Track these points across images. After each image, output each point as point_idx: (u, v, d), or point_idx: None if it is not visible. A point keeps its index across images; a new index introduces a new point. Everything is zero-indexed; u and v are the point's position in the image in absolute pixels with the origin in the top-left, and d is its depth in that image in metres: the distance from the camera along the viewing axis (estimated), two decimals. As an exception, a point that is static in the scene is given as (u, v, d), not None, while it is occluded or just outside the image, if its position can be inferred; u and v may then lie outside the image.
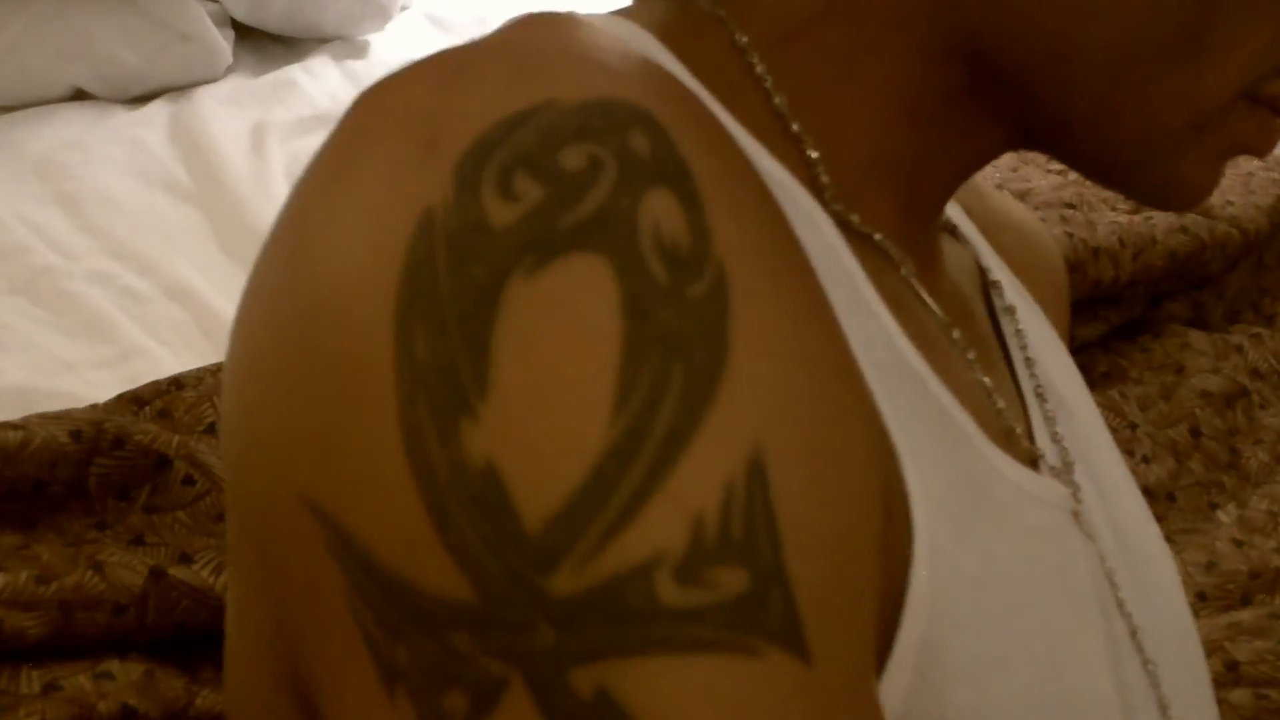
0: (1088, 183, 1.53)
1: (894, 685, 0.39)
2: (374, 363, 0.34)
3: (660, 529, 0.32)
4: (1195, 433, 1.30)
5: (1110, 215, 1.43)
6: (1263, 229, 1.49)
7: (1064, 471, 0.51)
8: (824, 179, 0.46)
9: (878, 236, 0.47)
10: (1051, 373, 0.56)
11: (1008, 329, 0.56)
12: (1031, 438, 0.52)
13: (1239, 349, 1.38)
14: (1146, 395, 1.34)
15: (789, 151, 0.45)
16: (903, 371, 0.44)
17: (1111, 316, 1.39)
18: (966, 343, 0.51)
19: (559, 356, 0.33)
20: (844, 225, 0.46)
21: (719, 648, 0.32)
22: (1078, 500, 0.50)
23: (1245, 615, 1.10)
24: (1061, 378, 0.57)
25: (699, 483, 0.33)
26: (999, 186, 1.40)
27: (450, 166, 0.35)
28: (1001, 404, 0.51)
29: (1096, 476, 0.54)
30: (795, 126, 0.45)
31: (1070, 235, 1.36)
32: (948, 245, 0.56)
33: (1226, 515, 1.21)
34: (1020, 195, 1.48)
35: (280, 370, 0.37)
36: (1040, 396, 0.54)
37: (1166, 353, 1.36)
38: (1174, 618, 0.55)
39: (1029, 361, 0.55)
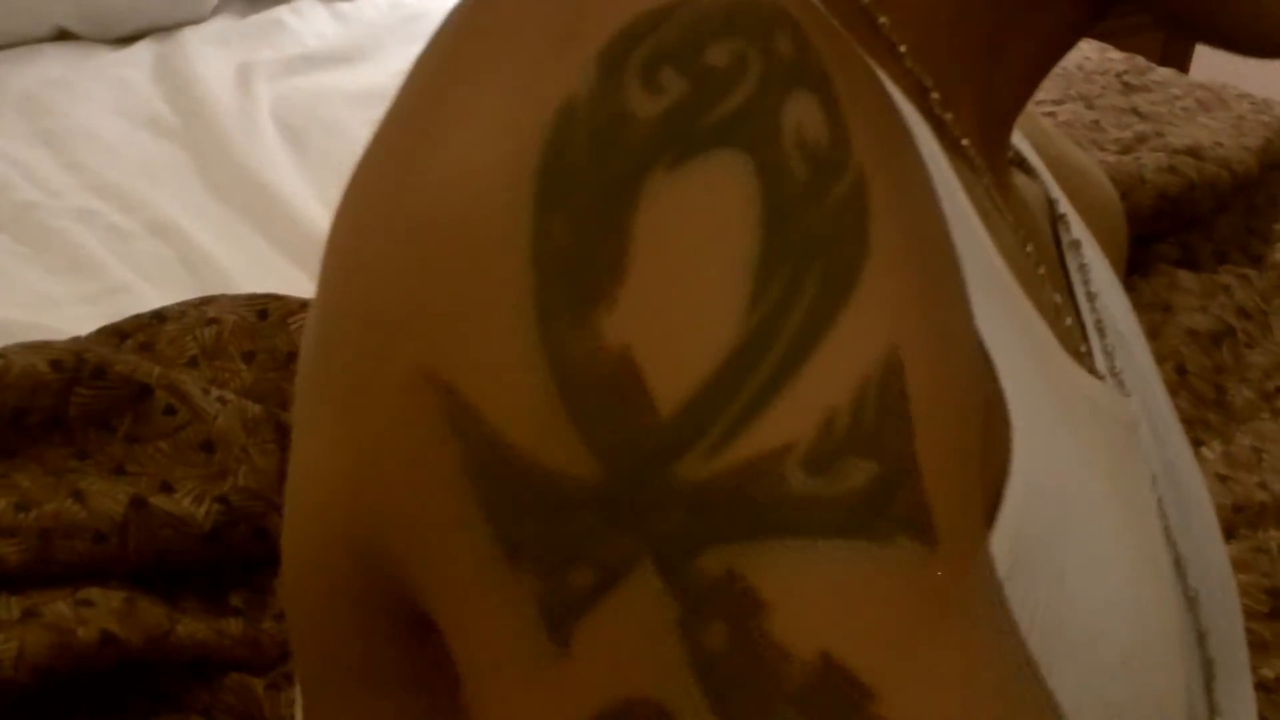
0: (1077, 124, 1.53)
1: None
2: (510, 246, 0.34)
3: (792, 419, 0.33)
4: (1181, 370, 1.30)
5: (1099, 155, 1.42)
6: (1251, 170, 1.49)
7: None
8: (917, 69, 0.45)
9: (965, 141, 0.47)
10: (1113, 310, 0.56)
11: (1072, 263, 0.56)
12: (1093, 365, 0.52)
13: (1226, 289, 1.38)
14: (1133, 333, 1.33)
15: (881, 50, 0.45)
16: (994, 280, 0.44)
17: (1100, 255, 1.38)
18: (1039, 257, 0.51)
19: (698, 248, 0.33)
20: (937, 126, 0.45)
21: (847, 533, 0.32)
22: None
23: (1229, 549, 1.11)
24: (1121, 317, 0.57)
25: (833, 377, 0.33)
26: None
27: (592, 56, 0.35)
28: (1069, 322, 0.51)
29: (1150, 414, 0.54)
30: (883, 20, 0.45)
31: (1059, 174, 1.35)
32: (1018, 178, 0.56)
33: (1211, 451, 1.21)
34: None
35: (404, 249, 0.37)
36: (1100, 331, 0.54)
37: (1155, 292, 1.36)
38: (1215, 558, 0.56)
39: (1091, 296, 0.55)
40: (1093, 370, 0.52)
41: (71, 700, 0.92)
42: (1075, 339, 0.51)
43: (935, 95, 0.46)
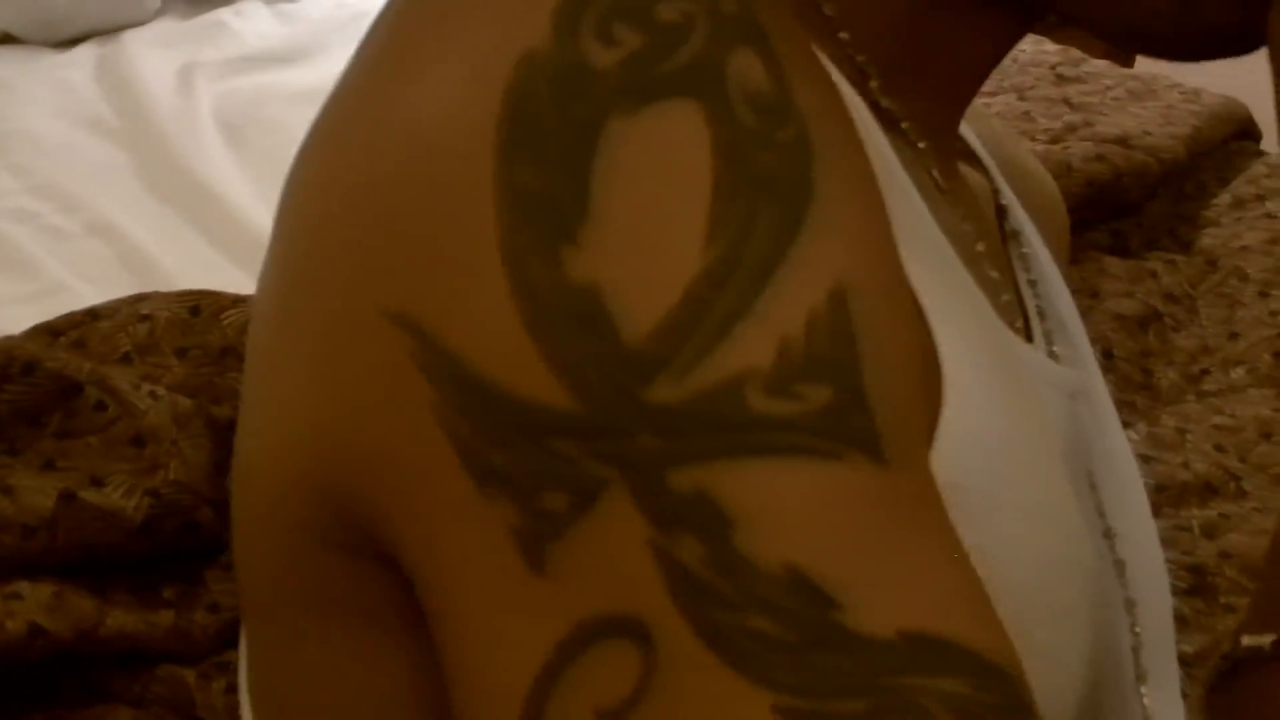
0: (1009, 115, 1.54)
1: None
2: (475, 191, 0.36)
3: (750, 346, 0.35)
4: (1108, 354, 1.32)
5: (1028, 144, 1.44)
6: (1180, 157, 1.51)
7: None
8: (859, 58, 0.48)
9: (905, 124, 0.49)
10: (1054, 299, 0.58)
11: (1013, 251, 0.58)
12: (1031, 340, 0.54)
13: (1153, 274, 1.40)
14: (1061, 319, 1.34)
15: (824, 34, 0.47)
16: (931, 245, 0.46)
17: (1029, 243, 1.40)
18: (977, 235, 0.52)
19: (656, 190, 0.36)
20: (875, 107, 0.47)
21: (806, 452, 0.35)
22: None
23: (1150, 527, 1.12)
24: (1064, 308, 0.59)
25: (786, 307, 0.35)
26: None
27: (549, 13, 0.37)
28: (1005, 299, 0.53)
29: (1089, 398, 0.56)
30: (827, 10, 0.48)
31: (989, 163, 1.37)
32: (965, 169, 0.58)
33: (1137, 433, 1.23)
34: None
35: (372, 197, 0.38)
36: (1041, 315, 0.56)
37: (1083, 278, 1.38)
38: (1144, 538, 0.58)
39: (1032, 283, 0.57)
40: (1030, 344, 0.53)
41: (1, 690, 0.92)
42: (1013, 315, 0.53)
43: (874, 84, 0.48)
